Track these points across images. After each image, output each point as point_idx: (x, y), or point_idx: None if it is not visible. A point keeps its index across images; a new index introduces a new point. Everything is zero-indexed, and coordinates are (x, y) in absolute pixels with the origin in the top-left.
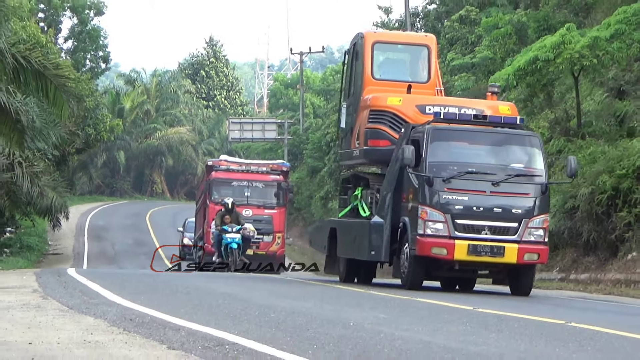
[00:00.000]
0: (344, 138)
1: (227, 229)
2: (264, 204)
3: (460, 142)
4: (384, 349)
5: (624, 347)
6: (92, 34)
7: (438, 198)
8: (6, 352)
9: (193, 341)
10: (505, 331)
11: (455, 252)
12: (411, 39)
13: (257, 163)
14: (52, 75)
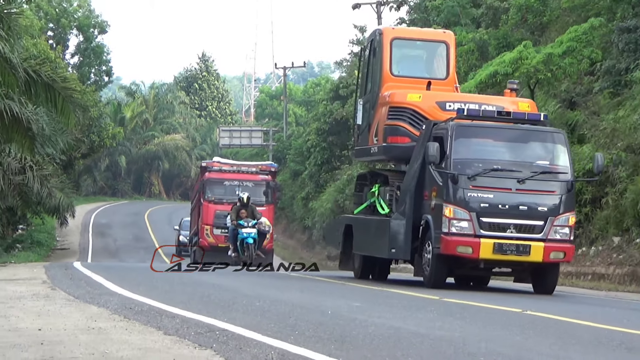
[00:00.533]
0: (360, 135)
1: (243, 223)
2: (253, 201)
3: (484, 139)
4: (358, 334)
5: (574, 332)
6: (96, 51)
7: (463, 196)
8: (18, 337)
9: (187, 328)
10: (467, 318)
11: (481, 250)
12: (430, 36)
13: (247, 164)
14: (60, 87)
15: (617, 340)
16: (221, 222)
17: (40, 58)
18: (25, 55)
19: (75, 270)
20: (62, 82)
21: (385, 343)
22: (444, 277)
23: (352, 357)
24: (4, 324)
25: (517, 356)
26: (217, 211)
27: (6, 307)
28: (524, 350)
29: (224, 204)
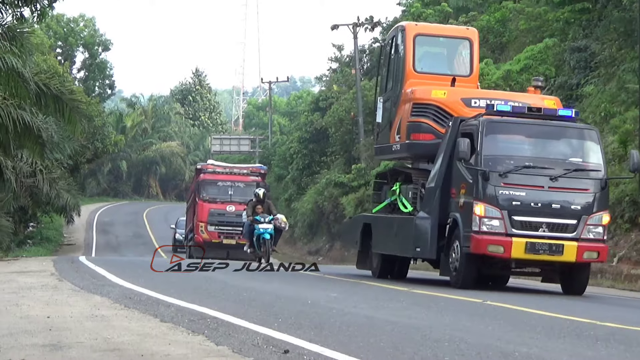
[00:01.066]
0: (380, 133)
1: (259, 219)
2: (244, 200)
3: (515, 135)
4: (335, 322)
5: (528, 320)
6: (100, 66)
7: (494, 193)
8: (29, 324)
9: (181, 315)
10: (434, 308)
11: (513, 250)
12: (453, 32)
13: (239, 166)
14: (68, 99)
15: (567, 327)
16: (215, 219)
17: (50, 72)
18: (36, 70)
19: (81, 264)
20: (69, 94)
21: (360, 330)
22: (473, 277)
23: (330, 342)
24: (16, 312)
25: (477, 341)
26: (211, 209)
27: (18, 296)
28: (483, 336)
29: (217, 203)
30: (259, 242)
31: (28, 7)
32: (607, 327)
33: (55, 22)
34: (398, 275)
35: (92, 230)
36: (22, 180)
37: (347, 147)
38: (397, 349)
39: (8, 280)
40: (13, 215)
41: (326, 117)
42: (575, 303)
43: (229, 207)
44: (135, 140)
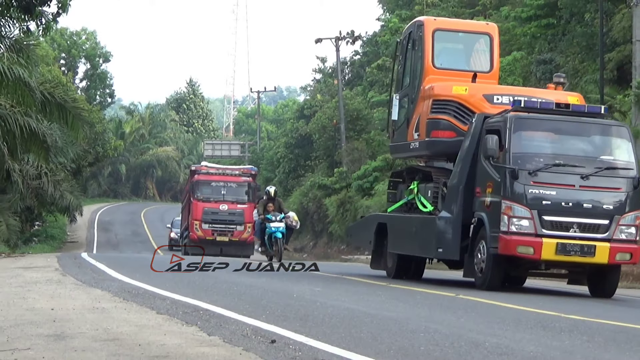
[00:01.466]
0: (396, 131)
1: (270, 217)
2: (236, 200)
3: (544, 132)
4: (319, 314)
5: (498, 313)
6: (101, 76)
7: (524, 192)
8: (34, 315)
9: (176, 308)
10: (410, 301)
11: (543, 251)
12: (472, 27)
13: (231, 168)
14: (71, 107)
15: (533, 319)
16: (209, 217)
17: (54, 82)
18: (41, 80)
19: (83, 260)
20: (72, 102)
21: (342, 321)
22: (500, 278)
23: (314, 333)
24: (23, 304)
25: (450, 332)
26: (205, 208)
27: (24, 290)
28: (456, 327)
29: (211, 202)
30: (271, 241)
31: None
32: (571, 319)
33: (59, 36)
34: (414, 276)
35: (93, 229)
36: (28, 182)
37: (329, 152)
38: (376, 339)
39: (15, 275)
40: (20, 215)
41: (310, 124)
42: (541, 297)
43: (222, 206)
44: (134, 145)
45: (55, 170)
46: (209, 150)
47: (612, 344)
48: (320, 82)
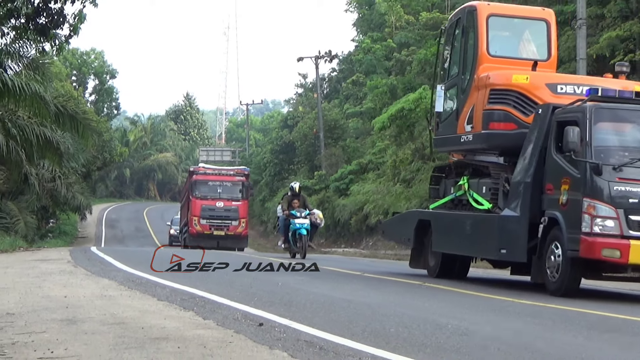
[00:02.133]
0: (442, 123)
1: (295, 213)
2: (231, 197)
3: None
4: (301, 300)
5: (460, 299)
6: (108, 91)
7: (608, 190)
8: (49, 302)
9: (174, 295)
10: (382, 289)
11: (631, 254)
12: (528, 13)
13: (226, 168)
14: (81, 118)
15: (490, 304)
16: (206, 213)
17: (66, 96)
18: (55, 94)
19: (92, 253)
20: (82, 114)
21: (322, 307)
22: (577, 283)
23: (297, 317)
24: (39, 292)
25: (417, 315)
26: (203, 205)
27: (40, 280)
28: (422, 311)
29: (208, 200)
30: (295, 238)
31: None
32: (522, 304)
33: (71, 55)
34: (459, 275)
35: (101, 226)
36: (43, 184)
37: (310, 157)
38: (352, 322)
39: (32, 267)
40: (36, 213)
41: (293, 133)
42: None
43: (218, 203)
44: (137, 152)
45: (67, 173)
46: (204, 156)
47: (560, 325)
48: (301, 96)
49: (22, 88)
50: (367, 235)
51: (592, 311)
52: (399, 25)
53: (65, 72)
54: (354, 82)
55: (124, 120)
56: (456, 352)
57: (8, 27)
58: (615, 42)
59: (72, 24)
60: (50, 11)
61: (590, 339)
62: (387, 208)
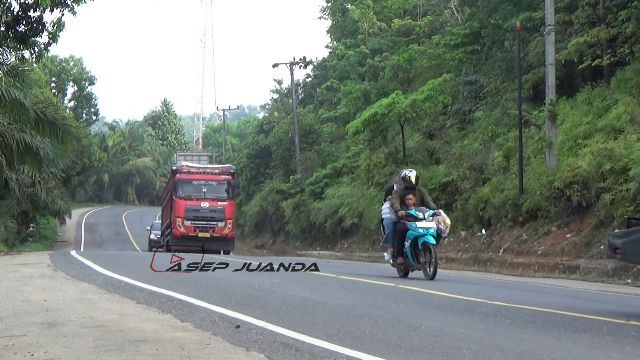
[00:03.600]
0: None
1: (415, 214)
2: (217, 197)
3: None
4: (277, 302)
5: (432, 300)
6: (87, 97)
7: None
8: (29, 306)
9: (153, 298)
10: (356, 291)
11: None
12: None
13: (211, 167)
14: (60, 124)
15: (463, 305)
16: (191, 214)
17: (46, 103)
18: (34, 101)
19: (72, 257)
20: (62, 120)
21: (297, 308)
22: None
23: (273, 318)
24: (19, 296)
25: (391, 317)
26: (187, 206)
27: (20, 284)
28: (396, 313)
29: (192, 200)
30: (416, 250)
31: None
32: (495, 305)
33: (50, 62)
34: None
35: (81, 230)
36: (24, 189)
37: (286, 161)
38: (327, 323)
39: (12, 270)
40: (16, 218)
41: (269, 137)
42: (469, 286)
43: (203, 203)
44: (115, 157)
45: (47, 178)
46: (181, 161)
47: (531, 326)
48: (277, 101)
49: (2, 95)
50: (342, 237)
51: (563, 312)
52: (371, 32)
53: (44, 78)
54: (328, 88)
55: (102, 126)
56: (430, 353)
57: None
58: (583, 47)
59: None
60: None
61: (561, 339)
62: (361, 211)
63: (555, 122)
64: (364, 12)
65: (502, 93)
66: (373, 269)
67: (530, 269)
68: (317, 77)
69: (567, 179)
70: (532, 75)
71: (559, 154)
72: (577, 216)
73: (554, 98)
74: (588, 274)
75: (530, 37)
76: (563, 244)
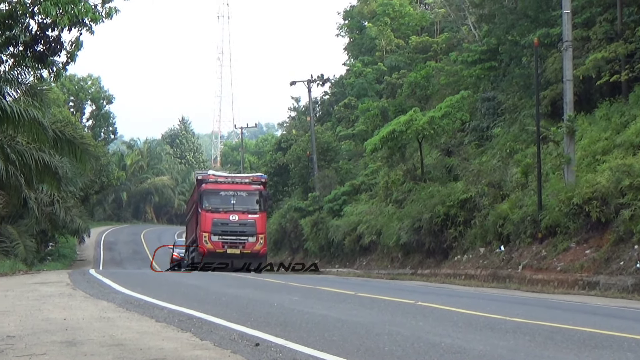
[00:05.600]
0: None
1: None
2: (247, 209)
3: None
4: (297, 320)
5: (451, 317)
6: (105, 116)
7: None
8: (49, 325)
9: (172, 316)
10: (376, 308)
11: None
12: None
13: (240, 176)
14: (79, 142)
15: (482, 322)
16: (218, 229)
17: (64, 122)
18: (53, 120)
19: (91, 276)
20: (80, 139)
21: (317, 326)
22: None
23: (292, 336)
24: (39, 315)
25: (410, 334)
26: (214, 219)
27: (40, 302)
28: (415, 330)
29: (220, 213)
30: None
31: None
32: (515, 322)
33: (68, 81)
34: None
35: (99, 248)
36: (42, 208)
37: (304, 179)
38: (346, 341)
39: (32, 289)
40: (35, 237)
41: (287, 155)
42: (488, 303)
43: (232, 216)
44: (134, 175)
45: (66, 197)
46: None
47: (551, 342)
48: (295, 119)
49: (21, 114)
50: (361, 255)
51: (583, 328)
52: (389, 49)
53: (62, 98)
54: (345, 105)
55: (120, 145)
56: None
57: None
58: (601, 63)
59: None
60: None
61: (581, 356)
62: (379, 228)
63: (574, 138)
64: (381, 30)
65: (520, 109)
66: (392, 286)
67: (549, 285)
68: (334, 95)
69: (586, 195)
70: (550, 91)
71: (578, 170)
72: (597, 232)
73: (572, 114)
74: (608, 290)
75: (548, 53)
76: (582, 260)
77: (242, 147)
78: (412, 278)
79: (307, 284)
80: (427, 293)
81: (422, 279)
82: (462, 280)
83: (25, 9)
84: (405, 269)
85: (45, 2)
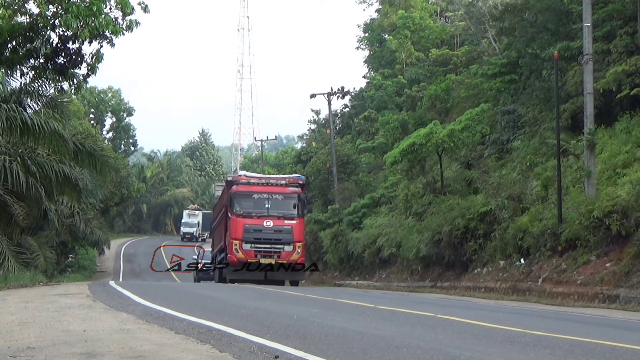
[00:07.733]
0: None
1: None
2: (284, 214)
3: None
4: (316, 332)
5: (471, 330)
6: (125, 128)
7: None
8: (68, 336)
9: (192, 328)
10: (396, 321)
11: None
12: None
13: (275, 177)
14: (99, 155)
15: (502, 335)
16: (251, 236)
17: (85, 134)
18: (73, 132)
19: (111, 287)
20: (100, 151)
21: (336, 339)
22: None
23: (312, 349)
24: (59, 327)
25: (430, 347)
26: (246, 225)
27: (60, 314)
28: (435, 343)
29: (253, 218)
30: None
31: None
32: (535, 335)
33: (88, 93)
34: None
35: (119, 260)
36: (62, 220)
37: (324, 191)
38: (366, 354)
39: (52, 301)
40: (56, 249)
41: (307, 167)
42: (508, 316)
43: (266, 222)
44: (154, 188)
45: (86, 209)
46: (219, 192)
47: (571, 356)
48: (315, 132)
49: (41, 126)
50: (380, 267)
51: (603, 341)
52: (409, 62)
53: (83, 110)
54: (365, 118)
55: (140, 157)
56: None
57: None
58: (621, 76)
59: (89, 63)
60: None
61: None
62: (399, 241)
63: (594, 152)
64: (402, 42)
65: (540, 122)
66: (412, 299)
67: (569, 299)
68: (354, 108)
69: (606, 208)
70: (570, 104)
71: (598, 183)
72: (617, 245)
73: (593, 127)
74: (628, 303)
75: (568, 66)
76: (602, 273)
77: (262, 159)
78: (432, 291)
79: (326, 296)
80: (447, 306)
81: (442, 291)
82: (481, 293)
83: (46, 21)
84: (424, 281)
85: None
